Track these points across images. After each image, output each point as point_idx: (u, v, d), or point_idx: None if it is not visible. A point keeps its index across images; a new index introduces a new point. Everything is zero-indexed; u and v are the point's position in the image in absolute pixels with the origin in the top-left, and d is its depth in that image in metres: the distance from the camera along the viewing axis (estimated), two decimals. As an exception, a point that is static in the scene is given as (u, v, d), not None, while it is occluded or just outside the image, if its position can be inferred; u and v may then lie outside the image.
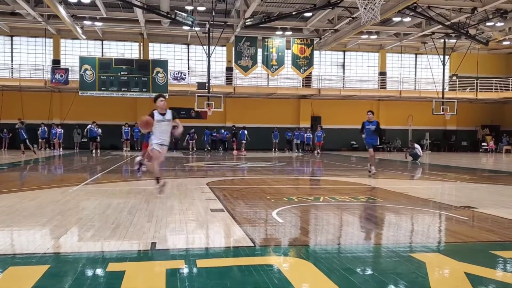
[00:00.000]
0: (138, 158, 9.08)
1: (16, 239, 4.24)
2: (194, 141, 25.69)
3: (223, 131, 26.91)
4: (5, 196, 6.73)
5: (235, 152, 24.37)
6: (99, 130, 22.89)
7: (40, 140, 24.91)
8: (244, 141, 25.31)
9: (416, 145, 18.90)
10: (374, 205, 6.33)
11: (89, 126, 22.04)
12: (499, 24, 23.50)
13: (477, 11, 21.20)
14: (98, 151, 20.96)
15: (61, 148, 24.48)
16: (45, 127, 24.83)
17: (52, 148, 24.78)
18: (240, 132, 25.69)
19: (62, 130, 24.86)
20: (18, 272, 3.08)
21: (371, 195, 7.42)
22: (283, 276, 3.01)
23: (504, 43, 27.77)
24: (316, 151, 25.33)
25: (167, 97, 26.02)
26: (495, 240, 4.24)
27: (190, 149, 25.45)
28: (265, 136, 27.62)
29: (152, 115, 6.70)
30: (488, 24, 23.68)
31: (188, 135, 25.40)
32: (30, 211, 5.42)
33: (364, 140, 11.02)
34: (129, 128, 25.09)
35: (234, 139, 25.86)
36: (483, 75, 29.82)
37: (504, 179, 10.97)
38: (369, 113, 10.74)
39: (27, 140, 20.42)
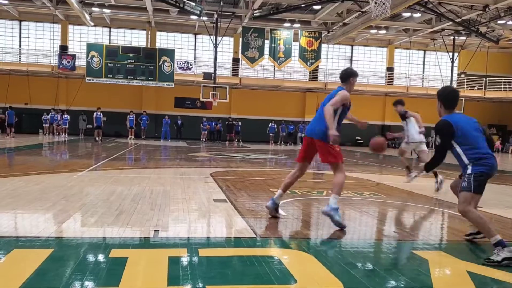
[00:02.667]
0: None
1: (20, 222, 4.27)
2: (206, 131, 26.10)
3: (213, 122, 26.81)
4: (10, 180, 6.78)
5: (227, 143, 24.46)
6: (104, 117, 22.95)
7: (45, 125, 25.05)
8: (232, 134, 25.60)
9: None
10: (378, 201, 6.31)
11: (95, 114, 22.06)
12: (510, 22, 23.17)
13: (489, 9, 20.92)
14: (100, 137, 21.02)
15: (66, 134, 24.59)
16: (55, 113, 24.95)
17: (58, 133, 24.90)
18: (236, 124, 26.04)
19: (68, 116, 24.95)
20: (22, 255, 3.11)
21: (375, 191, 7.40)
22: (284, 268, 3.01)
23: (515, 41, 27.43)
24: None
25: (173, 86, 26.16)
26: (499, 239, 4.21)
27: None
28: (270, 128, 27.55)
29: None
30: (499, 22, 23.36)
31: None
32: (34, 195, 5.46)
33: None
34: (134, 116, 25.15)
35: (229, 130, 25.98)
36: (492, 74, 29.50)
37: (510, 179, 10.90)
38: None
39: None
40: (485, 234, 3.47)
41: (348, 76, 4.70)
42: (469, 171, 3.54)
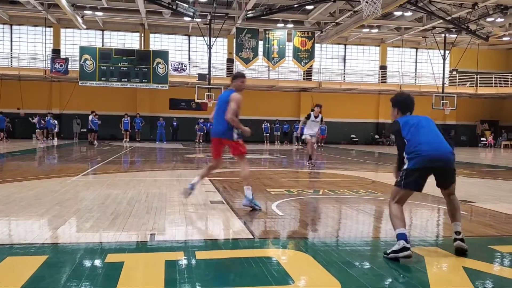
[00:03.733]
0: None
1: (14, 229, 4.23)
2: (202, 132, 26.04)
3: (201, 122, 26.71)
4: (3, 186, 6.72)
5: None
6: (99, 121, 22.85)
7: (38, 130, 24.87)
8: None
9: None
10: (374, 199, 6.33)
11: (90, 118, 21.94)
12: (499, 19, 23.39)
13: (478, 7, 21.09)
14: (95, 141, 20.94)
15: (55, 138, 24.41)
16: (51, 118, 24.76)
17: (51, 138, 24.74)
18: None
19: (56, 121, 24.72)
20: (16, 262, 3.08)
21: (371, 188, 7.42)
22: (282, 268, 3.01)
23: (504, 38, 27.64)
24: (319, 144, 25.37)
25: (167, 88, 26.09)
26: (493, 234, 4.25)
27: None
28: (265, 129, 27.57)
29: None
30: (489, 19, 23.57)
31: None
32: (28, 201, 5.41)
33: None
34: (129, 119, 25.06)
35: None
36: (483, 70, 29.74)
37: (503, 174, 10.98)
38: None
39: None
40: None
41: (234, 78, 5.43)
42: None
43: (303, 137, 11.90)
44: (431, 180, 3.63)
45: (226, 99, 5.16)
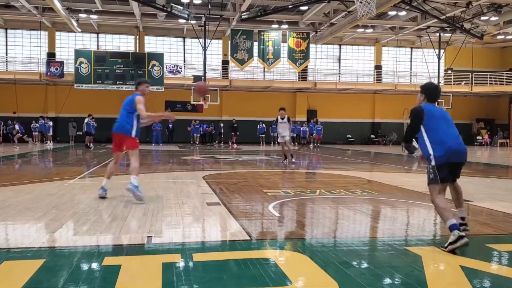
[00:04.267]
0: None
1: (11, 233, 4.21)
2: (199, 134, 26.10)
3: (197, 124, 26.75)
4: (0, 190, 6.69)
5: (234, 145, 24.48)
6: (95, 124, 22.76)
7: (35, 133, 24.82)
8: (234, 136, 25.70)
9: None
10: (370, 199, 6.35)
11: (86, 121, 21.83)
12: (493, 18, 23.53)
13: (472, 5, 21.21)
14: (91, 144, 20.85)
15: (50, 141, 24.32)
16: (46, 120, 24.71)
17: (46, 141, 24.64)
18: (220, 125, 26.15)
19: (51, 123, 24.69)
20: (13, 266, 3.06)
21: (367, 188, 7.44)
22: (279, 269, 3.01)
23: (499, 37, 27.81)
24: (316, 144, 25.42)
25: (163, 90, 26.07)
26: (490, 233, 4.27)
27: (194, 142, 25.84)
28: (261, 129, 27.57)
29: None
30: (483, 18, 23.70)
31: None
32: (25, 205, 5.39)
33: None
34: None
35: (233, 132, 26.00)
36: (478, 69, 29.90)
37: (499, 173, 11.05)
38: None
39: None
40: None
41: (139, 84, 6.18)
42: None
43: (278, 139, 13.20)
44: (424, 179, 3.64)
45: (131, 100, 5.95)
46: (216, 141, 27.20)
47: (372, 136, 30.65)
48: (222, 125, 27.02)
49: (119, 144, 6.21)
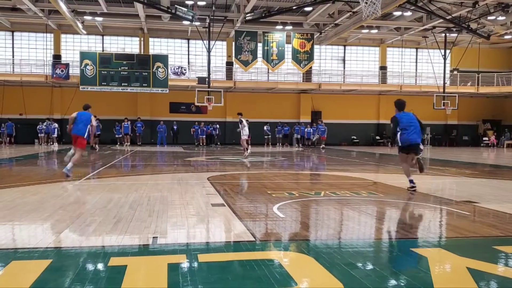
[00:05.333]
0: None
1: (18, 233, 4.25)
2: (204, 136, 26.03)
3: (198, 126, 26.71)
4: (7, 191, 6.74)
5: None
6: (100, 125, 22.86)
7: (41, 135, 25.04)
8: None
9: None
10: (375, 200, 6.33)
11: (93, 122, 21.90)
12: (500, 18, 23.36)
13: (479, 5, 21.07)
14: (97, 146, 20.94)
15: (56, 143, 24.47)
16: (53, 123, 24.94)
17: (52, 143, 24.81)
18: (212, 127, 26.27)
19: (57, 125, 24.86)
20: (20, 266, 3.09)
21: (372, 190, 7.42)
22: (284, 270, 3.01)
23: (506, 37, 27.61)
24: (321, 146, 25.38)
25: (167, 91, 26.15)
26: (497, 235, 4.24)
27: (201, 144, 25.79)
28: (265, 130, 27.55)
29: None
30: (490, 18, 23.54)
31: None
32: (31, 206, 5.42)
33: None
34: (129, 123, 25.11)
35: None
36: (485, 70, 29.69)
37: (506, 174, 10.96)
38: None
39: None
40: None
41: (87, 107, 9.78)
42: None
43: None
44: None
45: (88, 118, 9.44)
46: (215, 143, 27.07)
47: (377, 137, 30.53)
48: (218, 126, 26.89)
49: (76, 141, 9.14)
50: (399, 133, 7.17)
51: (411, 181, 7.23)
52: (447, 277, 3.05)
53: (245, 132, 16.17)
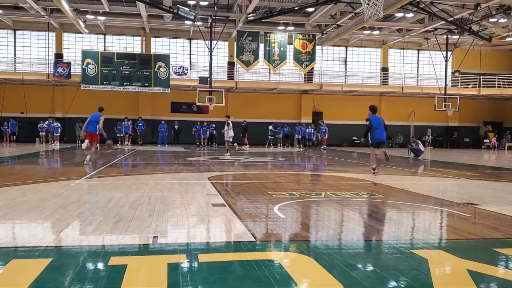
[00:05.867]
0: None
1: (18, 232, 4.25)
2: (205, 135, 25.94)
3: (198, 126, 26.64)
4: (7, 189, 6.75)
5: (244, 146, 24.42)
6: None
7: (42, 134, 25.09)
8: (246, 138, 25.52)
9: (418, 141, 18.86)
10: (376, 201, 6.32)
11: None
12: (502, 20, 23.33)
13: (480, 7, 21.06)
14: (98, 145, 20.93)
15: (56, 142, 24.48)
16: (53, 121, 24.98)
17: (53, 141, 24.84)
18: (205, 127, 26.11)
19: (59, 124, 24.91)
20: (20, 265, 3.09)
21: (373, 191, 7.41)
22: (284, 271, 3.01)
23: (507, 39, 27.57)
24: (322, 146, 25.36)
25: (168, 91, 26.15)
26: (498, 237, 4.23)
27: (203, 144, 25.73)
28: (266, 131, 27.55)
29: None
30: (491, 20, 23.52)
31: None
32: (32, 205, 5.43)
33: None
34: (129, 122, 25.14)
35: (243, 133, 25.86)
36: (486, 72, 29.66)
37: (507, 176, 10.94)
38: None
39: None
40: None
41: (100, 109, 11.73)
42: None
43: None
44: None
45: (97, 118, 11.46)
46: (214, 143, 26.96)
47: (378, 138, 30.47)
48: (214, 125, 26.73)
49: (92, 137, 11.47)
50: (370, 133, 9.41)
51: (374, 169, 9.81)
52: (447, 279, 3.05)
53: (230, 134, 17.23)
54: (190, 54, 28.79)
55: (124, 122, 25.05)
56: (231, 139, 17.58)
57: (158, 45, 28.39)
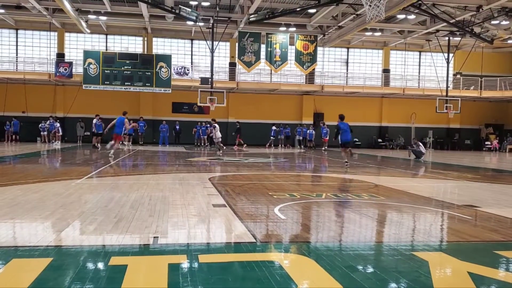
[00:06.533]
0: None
1: (19, 231, 4.26)
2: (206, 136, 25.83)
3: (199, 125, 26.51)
4: (8, 189, 6.76)
5: (235, 147, 24.36)
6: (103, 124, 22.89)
7: (43, 133, 25.13)
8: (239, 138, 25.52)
9: (419, 143, 18.84)
10: (376, 203, 6.31)
11: (94, 121, 22.00)
12: (504, 22, 23.30)
13: (482, 9, 21.03)
14: (99, 145, 20.97)
15: (58, 141, 24.51)
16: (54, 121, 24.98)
17: (53, 141, 24.86)
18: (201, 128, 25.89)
19: (57, 124, 24.91)
20: (21, 264, 3.09)
21: (374, 192, 7.40)
22: (284, 272, 3.00)
23: (509, 41, 27.54)
24: (323, 148, 25.33)
25: (170, 91, 26.16)
26: (498, 239, 4.23)
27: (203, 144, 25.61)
28: (268, 132, 27.53)
29: None
30: (493, 22, 23.50)
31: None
32: (33, 204, 5.44)
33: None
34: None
35: (237, 134, 25.81)
36: (488, 74, 29.62)
37: (508, 179, 10.92)
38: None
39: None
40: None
41: (124, 113, 14.65)
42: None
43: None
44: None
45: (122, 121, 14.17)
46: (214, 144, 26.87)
47: (379, 140, 30.48)
48: (209, 125, 26.53)
49: (116, 138, 13.48)
50: (339, 135, 11.88)
51: (346, 162, 12.15)
52: (447, 281, 3.04)
53: (218, 135, 18.66)
54: (191, 55, 28.81)
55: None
56: (220, 139, 18.86)
57: (160, 45, 28.42)
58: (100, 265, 3.10)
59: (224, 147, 19.28)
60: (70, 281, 2.75)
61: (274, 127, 27.16)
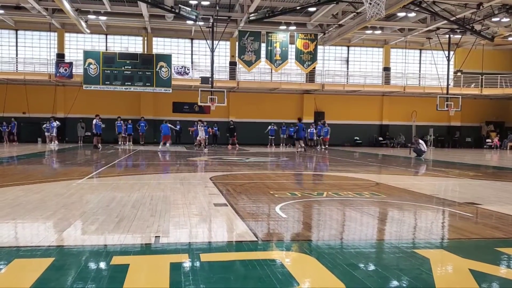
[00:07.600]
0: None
1: (20, 232, 4.26)
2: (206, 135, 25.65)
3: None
4: (10, 189, 6.77)
5: (229, 147, 24.29)
6: (103, 125, 22.89)
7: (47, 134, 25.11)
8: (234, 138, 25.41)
9: (420, 141, 18.82)
10: (378, 201, 6.31)
11: (95, 122, 21.99)
12: (504, 19, 23.26)
13: (483, 7, 21.00)
14: (100, 145, 20.98)
15: (56, 142, 24.42)
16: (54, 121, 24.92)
17: (53, 141, 24.85)
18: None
19: (55, 124, 24.79)
20: (23, 264, 3.10)
21: (375, 191, 7.40)
22: (286, 270, 3.01)
23: (510, 38, 27.48)
24: (323, 146, 25.31)
25: (170, 91, 26.16)
26: (500, 237, 4.22)
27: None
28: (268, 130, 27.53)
29: None
30: (494, 19, 23.46)
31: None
32: (34, 204, 5.44)
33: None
34: (125, 122, 25.22)
35: (231, 133, 25.63)
36: (488, 71, 29.58)
37: (509, 176, 10.91)
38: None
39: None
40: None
41: (166, 122, 19.22)
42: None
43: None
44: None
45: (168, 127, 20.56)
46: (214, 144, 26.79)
47: (380, 138, 30.47)
48: (204, 125, 26.38)
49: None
50: (295, 132, 17.01)
51: (298, 151, 14.41)
52: (449, 279, 3.05)
53: (202, 133, 21.15)
54: (191, 54, 28.81)
55: (128, 123, 25.20)
56: (203, 137, 21.40)
57: (160, 45, 28.42)
58: (102, 265, 3.11)
59: (205, 149, 20.80)
60: (72, 281, 2.76)
61: (272, 126, 27.06)
